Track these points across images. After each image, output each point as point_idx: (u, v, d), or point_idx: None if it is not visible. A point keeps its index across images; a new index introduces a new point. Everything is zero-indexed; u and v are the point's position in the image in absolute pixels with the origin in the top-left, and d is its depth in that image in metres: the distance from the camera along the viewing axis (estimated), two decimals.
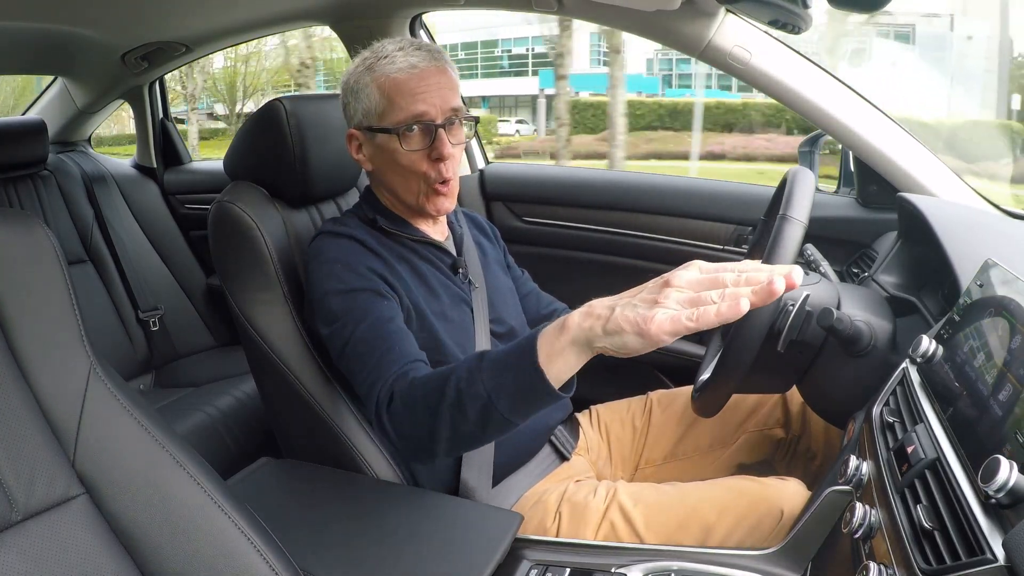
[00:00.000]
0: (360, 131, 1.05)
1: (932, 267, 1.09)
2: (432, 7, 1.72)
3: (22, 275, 0.72)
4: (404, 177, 1.03)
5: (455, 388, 0.77)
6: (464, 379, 0.77)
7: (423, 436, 0.82)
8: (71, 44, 1.79)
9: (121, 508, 0.70)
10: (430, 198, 1.04)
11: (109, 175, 2.19)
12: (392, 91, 0.99)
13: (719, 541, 0.96)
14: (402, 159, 1.01)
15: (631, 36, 1.52)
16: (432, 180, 1.02)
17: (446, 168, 1.01)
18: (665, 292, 0.62)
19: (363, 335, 0.94)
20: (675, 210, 1.69)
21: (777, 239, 0.89)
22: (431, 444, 0.82)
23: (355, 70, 1.04)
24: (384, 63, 0.99)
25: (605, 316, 0.65)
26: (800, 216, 0.90)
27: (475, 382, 0.75)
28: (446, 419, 0.79)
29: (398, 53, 0.99)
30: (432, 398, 0.80)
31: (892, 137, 1.35)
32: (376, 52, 1.02)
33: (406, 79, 0.99)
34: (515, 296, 1.25)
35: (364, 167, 1.08)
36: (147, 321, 2.08)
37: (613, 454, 1.26)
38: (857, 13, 1.13)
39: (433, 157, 1.00)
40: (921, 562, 0.60)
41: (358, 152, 1.07)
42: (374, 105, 1.01)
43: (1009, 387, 0.63)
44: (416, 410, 0.83)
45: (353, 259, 1.00)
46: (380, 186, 1.10)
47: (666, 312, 0.61)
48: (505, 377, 0.74)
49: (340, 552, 0.89)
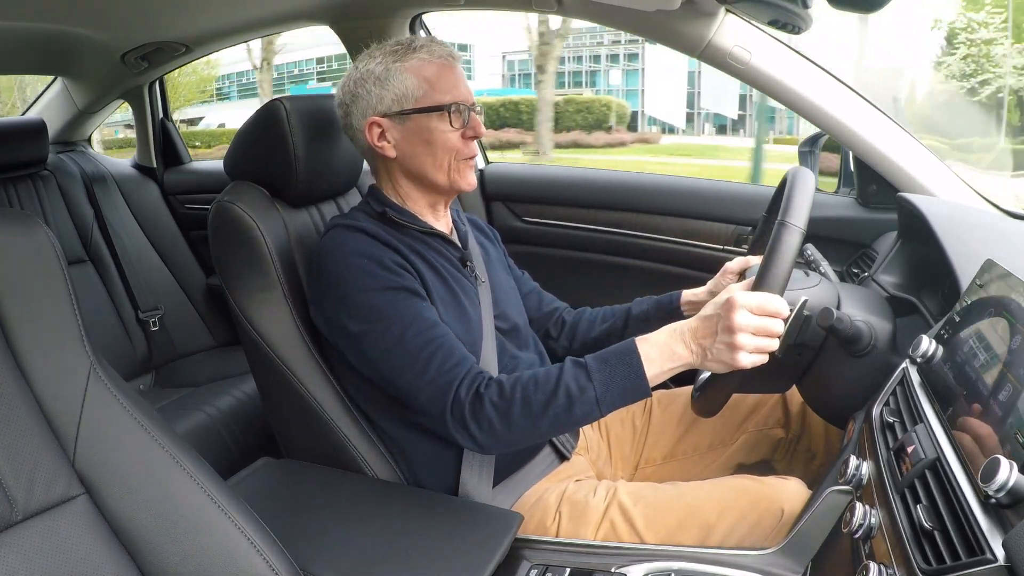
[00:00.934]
0: (388, 117, 1.06)
1: (932, 267, 1.09)
2: (432, 7, 1.72)
3: (22, 275, 0.72)
4: (440, 155, 1.07)
5: (565, 394, 0.90)
6: (574, 386, 0.90)
7: (518, 433, 0.93)
8: (71, 44, 1.79)
9: (121, 508, 0.70)
10: (463, 172, 1.09)
11: (109, 175, 2.19)
12: (432, 77, 1.06)
13: (719, 541, 0.96)
14: (441, 137, 1.06)
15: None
16: (464, 156, 1.08)
17: (474, 147, 1.11)
18: (739, 340, 0.84)
19: (414, 339, 0.97)
20: (675, 210, 1.69)
21: (775, 246, 0.88)
22: (527, 438, 0.95)
23: (380, 60, 1.06)
24: (421, 52, 1.06)
25: (695, 359, 0.88)
26: (798, 222, 0.88)
27: (586, 389, 0.90)
28: (551, 420, 0.92)
29: (432, 45, 1.07)
30: (538, 401, 0.91)
31: (892, 137, 1.35)
32: (404, 44, 1.07)
33: (444, 67, 1.07)
34: (517, 294, 1.25)
35: (385, 154, 1.08)
36: (147, 321, 2.08)
37: (613, 453, 1.26)
38: (857, 13, 1.13)
39: (468, 136, 1.08)
40: (921, 562, 0.60)
41: (380, 139, 1.07)
42: (411, 90, 1.05)
43: (1009, 387, 0.63)
44: (513, 411, 0.92)
45: (377, 252, 1.01)
46: (397, 175, 1.10)
47: (747, 356, 0.85)
48: (613, 388, 0.90)
49: (340, 552, 0.89)
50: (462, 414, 0.94)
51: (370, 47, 1.09)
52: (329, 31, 1.81)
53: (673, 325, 0.91)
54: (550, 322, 1.31)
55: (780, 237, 0.88)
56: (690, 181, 1.79)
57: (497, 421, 0.92)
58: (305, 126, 1.13)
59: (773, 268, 0.87)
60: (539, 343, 1.24)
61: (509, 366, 1.10)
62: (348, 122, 1.10)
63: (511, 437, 0.93)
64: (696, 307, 1.21)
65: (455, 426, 0.95)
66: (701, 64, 1.43)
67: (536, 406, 0.91)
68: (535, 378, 0.93)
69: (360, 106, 1.07)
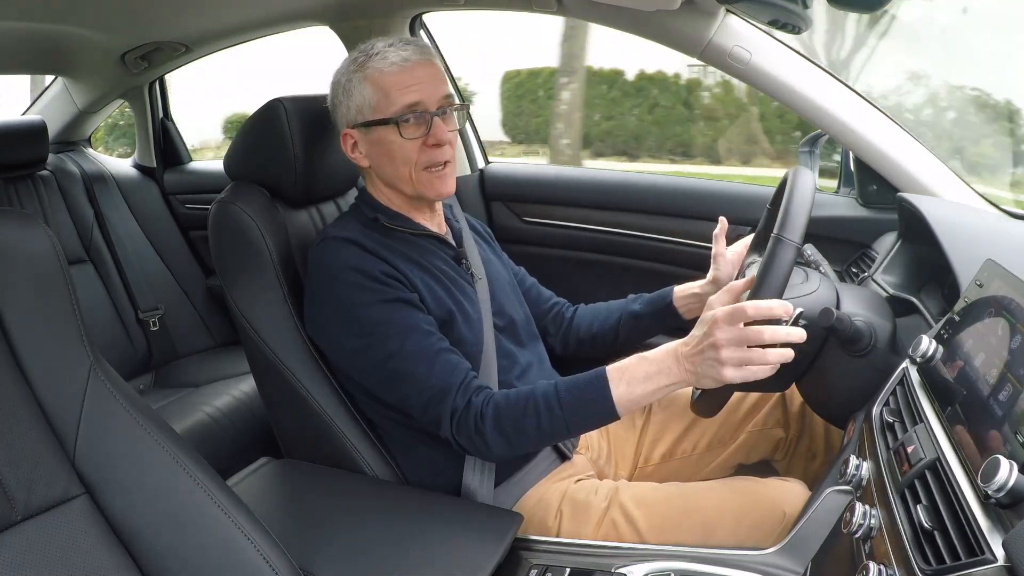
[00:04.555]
0: (355, 129, 1.06)
1: (932, 267, 1.09)
2: (432, 7, 1.72)
3: (22, 275, 0.72)
4: (403, 166, 1.05)
5: (545, 418, 0.94)
6: (545, 415, 0.94)
7: (516, 443, 0.97)
8: (71, 44, 1.79)
9: (121, 508, 0.70)
10: (431, 183, 1.06)
11: (109, 175, 2.19)
12: (386, 84, 1.02)
13: (720, 541, 0.96)
14: (400, 148, 1.03)
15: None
16: (430, 165, 1.05)
17: (442, 153, 1.05)
18: (723, 355, 0.85)
19: (412, 348, 0.98)
20: (675, 210, 1.69)
21: (770, 262, 0.87)
22: (526, 447, 1.00)
23: (345, 70, 1.06)
24: (376, 60, 1.03)
25: (690, 378, 0.90)
26: (794, 237, 0.87)
27: (556, 419, 0.94)
28: (535, 437, 0.97)
29: (389, 49, 1.03)
30: (520, 422, 0.94)
31: (892, 137, 1.35)
32: (365, 51, 1.05)
33: (398, 71, 1.02)
34: (515, 289, 1.25)
35: (360, 165, 1.09)
36: (147, 321, 2.08)
37: (614, 453, 1.26)
38: (857, 13, 1.12)
39: (431, 144, 1.03)
40: (921, 562, 0.60)
41: (353, 151, 1.08)
42: (368, 100, 1.03)
43: (1009, 387, 0.63)
44: (506, 426, 0.95)
45: (369, 265, 1.01)
46: (378, 182, 1.11)
47: (733, 371, 0.85)
48: (581, 415, 0.95)
49: (340, 552, 0.89)
50: (460, 421, 0.96)
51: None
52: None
53: (669, 344, 0.93)
54: (547, 318, 1.31)
55: (776, 253, 0.87)
56: (690, 181, 1.78)
57: (493, 432, 0.95)
58: (305, 126, 1.13)
59: (768, 283, 0.87)
60: (538, 339, 1.24)
61: (506, 363, 1.10)
62: (335, 127, 1.11)
63: (510, 447, 0.96)
64: (699, 299, 1.20)
65: (455, 432, 0.97)
66: None
67: (529, 427, 0.94)
68: (520, 398, 0.96)
69: (338, 115, 1.08)
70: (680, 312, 1.23)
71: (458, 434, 0.97)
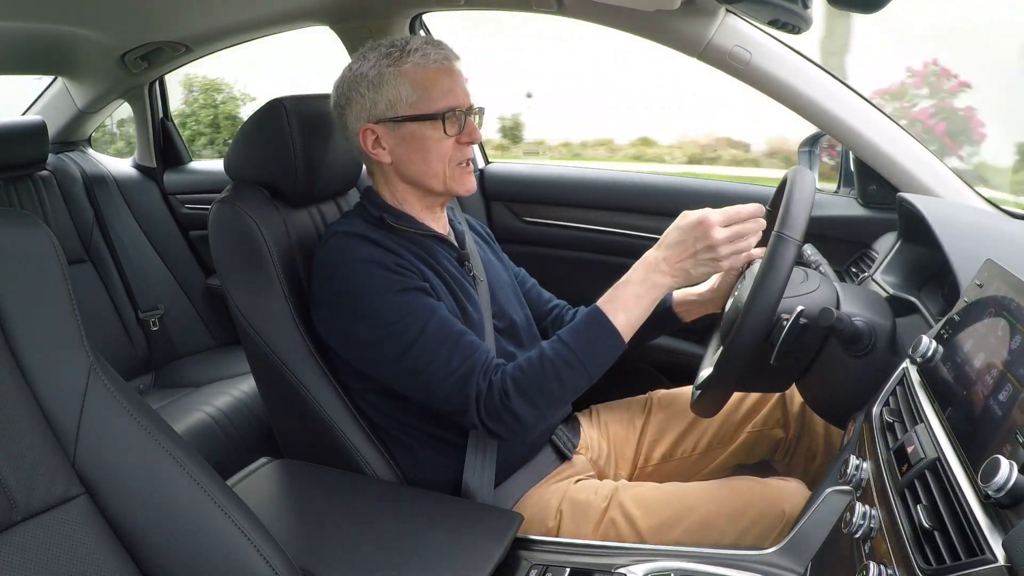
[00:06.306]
0: (381, 124, 1.05)
1: (932, 267, 1.09)
2: (432, 7, 1.72)
3: (22, 275, 0.72)
4: (435, 162, 1.06)
5: (565, 372, 0.96)
6: (564, 369, 0.96)
7: (544, 406, 0.98)
8: (71, 44, 1.79)
9: (121, 508, 0.70)
10: (459, 178, 1.09)
11: (109, 175, 2.19)
12: (427, 82, 1.03)
13: (719, 540, 0.96)
14: (438, 144, 1.05)
15: None
16: (459, 161, 1.07)
17: (471, 151, 1.10)
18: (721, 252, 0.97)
19: (434, 332, 0.98)
20: (675, 210, 1.67)
21: (771, 259, 0.88)
22: (551, 410, 1.00)
23: (373, 64, 1.04)
24: (415, 56, 1.03)
25: (681, 278, 0.99)
26: (795, 234, 0.88)
27: (575, 370, 0.96)
28: (559, 394, 0.98)
29: (428, 48, 1.04)
30: (544, 385, 0.96)
31: (892, 137, 1.35)
32: (398, 46, 1.04)
33: (439, 71, 1.04)
34: (516, 290, 1.25)
35: (380, 161, 1.08)
36: (147, 321, 2.08)
37: (613, 453, 1.26)
38: (857, 13, 1.12)
39: (464, 141, 1.07)
40: (921, 562, 0.60)
41: (375, 147, 1.07)
42: (404, 95, 1.03)
43: (1009, 387, 0.63)
44: (531, 393, 0.96)
45: (381, 257, 1.01)
46: (394, 180, 1.10)
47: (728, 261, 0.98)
48: (595, 356, 0.98)
49: (340, 552, 0.89)
50: (486, 403, 0.96)
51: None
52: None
53: (643, 260, 1.00)
54: (547, 320, 1.31)
55: (776, 250, 0.88)
56: (690, 181, 1.79)
57: (521, 403, 0.95)
58: (305, 126, 1.13)
59: (769, 280, 0.87)
60: (539, 340, 1.24)
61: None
62: (343, 123, 1.09)
63: (539, 414, 0.97)
64: (698, 304, 1.20)
65: (484, 416, 0.96)
66: None
67: (553, 386, 0.96)
68: (536, 360, 0.97)
69: (354, 110, 1.06)
70: (680, 316, 1.23)
71: (487, 417, 0.96)
